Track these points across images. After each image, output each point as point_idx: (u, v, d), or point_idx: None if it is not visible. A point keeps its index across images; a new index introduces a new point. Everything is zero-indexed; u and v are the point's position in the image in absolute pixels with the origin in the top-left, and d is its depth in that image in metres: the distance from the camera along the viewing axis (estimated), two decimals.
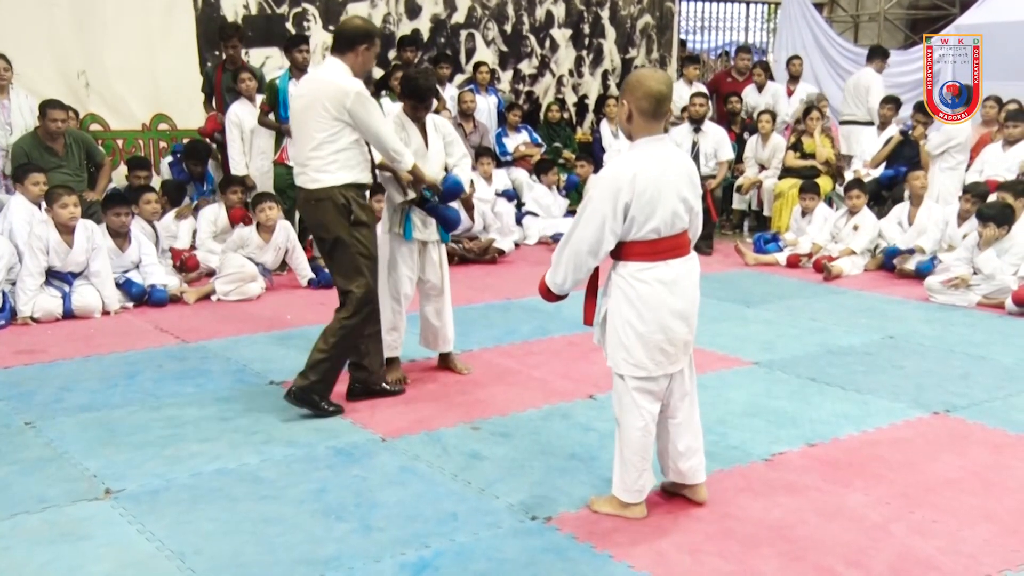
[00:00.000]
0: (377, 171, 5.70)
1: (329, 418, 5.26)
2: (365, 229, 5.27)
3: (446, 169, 5.87)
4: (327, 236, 5.25)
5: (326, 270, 8.65)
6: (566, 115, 12.84)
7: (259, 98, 9.05)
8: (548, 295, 4.18)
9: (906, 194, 9.81)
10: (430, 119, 5.88)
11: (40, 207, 7.71)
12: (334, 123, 5.11)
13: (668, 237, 3.95)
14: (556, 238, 10.79)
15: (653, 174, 3.88)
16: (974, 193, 8.87)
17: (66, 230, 7.49)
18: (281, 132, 8.90)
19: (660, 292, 3.93)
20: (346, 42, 5.21)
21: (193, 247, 8.52)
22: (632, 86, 3.95)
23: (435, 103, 6.20)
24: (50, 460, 4.70)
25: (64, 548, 3.83)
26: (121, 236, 7.91)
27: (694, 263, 4.09)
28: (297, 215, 9.20)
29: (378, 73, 11.26)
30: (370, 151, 5.38)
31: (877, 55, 12.36)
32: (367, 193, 5.44)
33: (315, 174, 5.18)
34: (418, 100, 5.70)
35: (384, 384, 5.66)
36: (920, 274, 8.73)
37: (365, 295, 5.27)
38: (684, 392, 4.14)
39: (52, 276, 7.49)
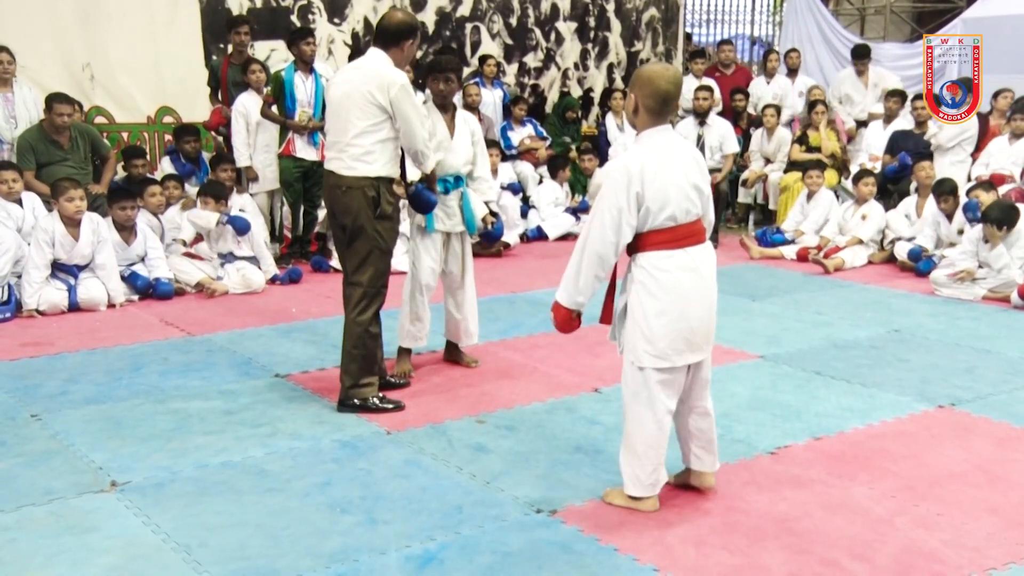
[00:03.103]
0: None
1: (390, 412, 5.28)
2: (388, 223, 5.27)
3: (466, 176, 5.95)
4: (350, 224, 5.21)
5: (330, 261, 8.72)
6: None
7: (266, 91, 9.05)
8: (567, 322, 4.11)
9: (913, 186, 9.82)
10: (461, 115, 5.91)
11: (20, 204, 7.75)
12: (378, 112, 5.11)
13: (685, 224, 3.95)
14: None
15: (661, 162, 3.89)
16: (944, 191, 8.87)
17: (72, 223, 7.50)
18: (285, 127, 8.89)
19: (682, 280, 3.93)
20: (392, 37, 5.22)
21: (197, 239, 8.50)
22: (642, 82, 3.95)
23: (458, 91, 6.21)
24: (56, 452, 4.71)
25: (70, 540, 3.84)
26: (127, 229, 7.93)
27: (711, 251, 4.10)
28: (302, 208, 9.22)
29: None
30: None
31: (853, 55, 12.36)
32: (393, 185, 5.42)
33: (351, 162, 5.16)
34: (437, 71, 5.71)
35: (389, 377, 5.66)
36: (920, 273, 8.74)
37: (373, 287, 5.27)
38: (705, 381, 4.15)
39: (58, 269, 7.52)
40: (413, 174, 5.59)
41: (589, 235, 3.95)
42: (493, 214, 6.12)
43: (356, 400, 5.27)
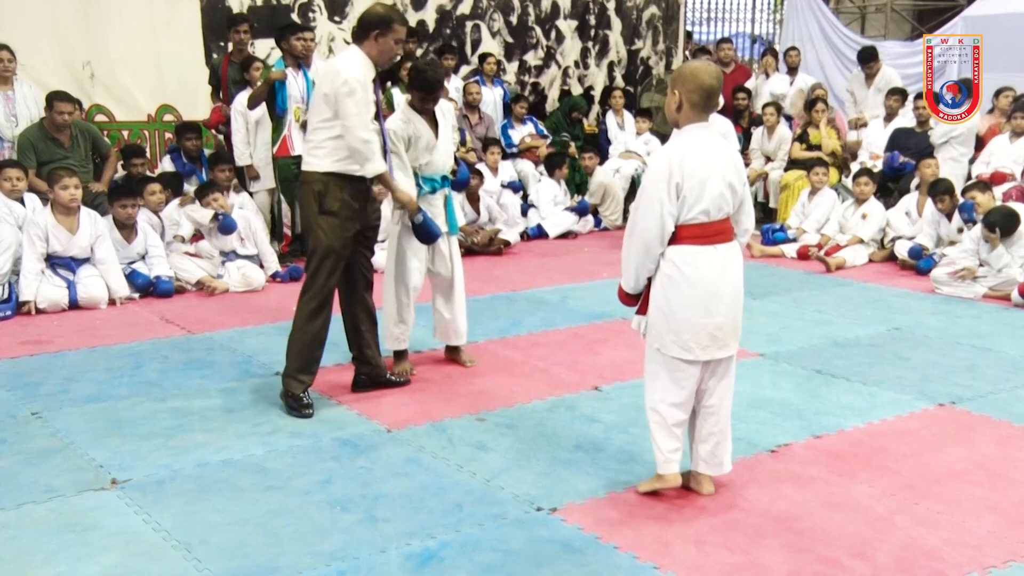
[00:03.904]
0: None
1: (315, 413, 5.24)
2: (332, 219, 5.16)
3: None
4: (302, 219, 5.30)
5: None
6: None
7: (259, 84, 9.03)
8: (628, 299, 4.24)
9: (913, 184, 9.82)
10: (439, 109, 5.83)
11: (23, 203, 7.73)
12: (328, 109, 5.10)
13: (716, 221, 4.01)
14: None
15: (700, 156, 3.96)
16: (939, 191, 8.87)
17: (67, 212, 7.51)
18: (267, 82, 8.78)
19: (709, 276, 3.99)
20: (361, 30, 5.21)
21: (197, 236, 8.49)
22: (685, 78, 4.02)
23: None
24: (56, 450, 4.72)
25: (70, 538, 3.84)
26: (127, 228, 7.93)
27: (738, 250, 4.15)
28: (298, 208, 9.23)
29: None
30: (384, 143, 5.33)
31: (859, 59, 12.34)
32: (358, 185, 5.23)
33: (307, 156, 5.23)
34: (427, 92, 5.64)
35: (389, 376, 5.66)
36: (920, 271, 8.74)
37: (308, 283, 5.26)
38: (723, 376, 4.15)
39: (57, 264, 7.51)
40: (411, 189, 5.59)
41: (635, 226, 4.03)
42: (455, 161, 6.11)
43: (282, 394, 5.32)
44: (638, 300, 4.22)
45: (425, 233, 5.58)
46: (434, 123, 5.76)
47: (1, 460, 4.59)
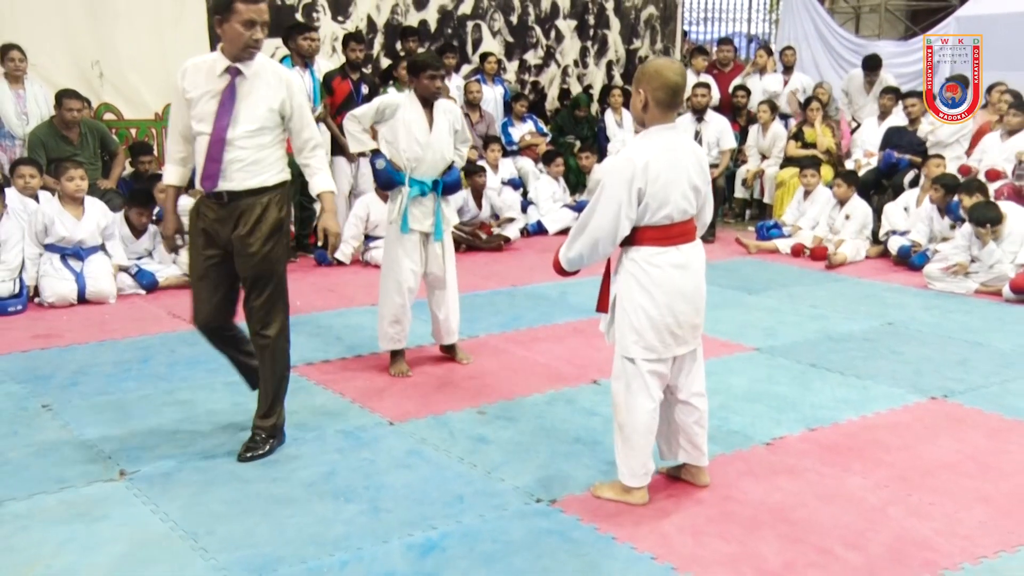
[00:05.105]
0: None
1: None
2: (192, 240, 4.78)
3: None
4: None
5: (331, 258, 8.77)
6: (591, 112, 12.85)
7: None
8: (560, 271, 4.20)
9: (907, 180, 9.87)
10: (440, 104, 5.81)
11: (37, 199, 7.81)
12: None
13: (679, 223, 4.00)
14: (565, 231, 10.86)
15: (665, 161, 3.92)
16: (941, 183, 8.95)
17: (73, 203, 7.61)
18: None
19: (672, 276, 3.98)
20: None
21: None
22: (650, 76, 3.95)
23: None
24: (66, 442, 4.78)
25: (80, 528, 3.90)
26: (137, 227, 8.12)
27: (700, 248, 4.15)
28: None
29: (383, 64, 11.31)
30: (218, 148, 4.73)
31: (864, 66, 12.40)
32: (205, 202, 4.77)
33: None
34: (421, 69, 5.66)
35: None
36: (913, 267, 8.81)
37: None
38: (691, 371, 4.18)
39: (66, 253, 7.61)
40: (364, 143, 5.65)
41: (589, 221, 3.99)
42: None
43: None
44: (571, 274, 4.21)
45: (383, 179, 5.63)
46: (432, 118, 5.75)
47: (13, 451, 4.65)
